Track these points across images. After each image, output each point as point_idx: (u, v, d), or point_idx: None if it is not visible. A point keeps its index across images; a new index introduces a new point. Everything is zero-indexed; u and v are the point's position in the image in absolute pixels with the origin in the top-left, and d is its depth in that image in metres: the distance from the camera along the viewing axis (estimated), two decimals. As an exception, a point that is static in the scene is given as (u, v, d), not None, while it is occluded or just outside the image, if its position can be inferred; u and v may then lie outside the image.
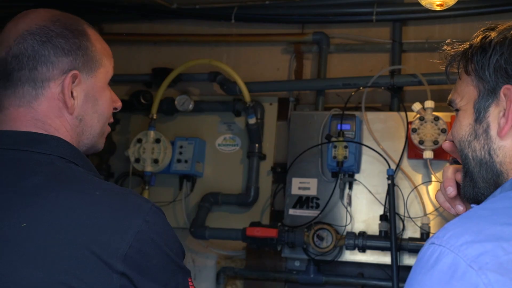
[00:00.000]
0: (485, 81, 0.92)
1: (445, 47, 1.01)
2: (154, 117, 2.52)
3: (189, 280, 1.04)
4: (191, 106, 2.52)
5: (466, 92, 0.97)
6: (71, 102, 1.10)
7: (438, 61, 1.07)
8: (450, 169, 1.05)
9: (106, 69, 1.17)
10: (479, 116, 0.93)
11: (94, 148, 1.18)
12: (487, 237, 0.73)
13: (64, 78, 1.09)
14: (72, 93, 1.10)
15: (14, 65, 1.08)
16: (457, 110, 0.99)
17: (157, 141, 2.45)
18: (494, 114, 0.91)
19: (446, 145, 1.03)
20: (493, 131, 0.91)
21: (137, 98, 2.58)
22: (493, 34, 0.93)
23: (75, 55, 1.11)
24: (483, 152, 0.92)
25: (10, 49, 1.09)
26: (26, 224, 0.92)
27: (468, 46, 0.96)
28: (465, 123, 0.95)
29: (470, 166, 0.95)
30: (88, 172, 1.06)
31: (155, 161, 2.44)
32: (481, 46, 0.94)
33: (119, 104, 1.22)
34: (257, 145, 2.47)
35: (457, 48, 0.98)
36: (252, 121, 2.40)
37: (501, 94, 0.90)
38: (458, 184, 1.03)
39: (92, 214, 0.94)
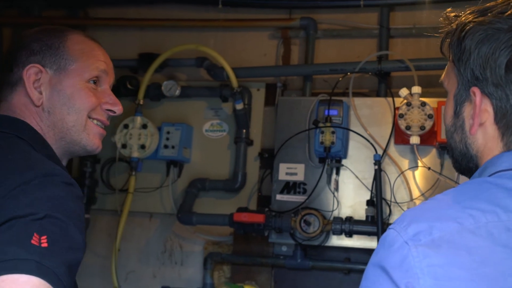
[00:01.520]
0: (461, 75, 0.96)
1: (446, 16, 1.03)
2: (141, 102, 2.50)
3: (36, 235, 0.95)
4: (178, 92, 2.51)
5: (451, 77, 1.01)
6: (34, 93, 1.21)
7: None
8: None
9: (81, 68, 1.25)
10: (457, 110, 0.99)
11: (79, 144, 1.25)
12: (427, 218, 0.84)
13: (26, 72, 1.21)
14: (41, 87, 1.21)
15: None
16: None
17: (144, 126, 2.44)
18: (467, 111, 0.97)
19: None
20: (467, 127, 0.97)
21: (124, 84, 2.56)
22: (470, 28, 0.94)
23: (43, 54, 1.22)
24: (461, 145, 0.99)
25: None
26: None
27: (455, 26, 0.98)
28: (449, 114, 1.01)
29: (454, 154, 1.02)
30: (35, 152, 1.14)
31: (142, 147, 2.43)
32: (458, 40, 0.96)
33: (116, 108, 1.29)
34: (244, 130, 2.46)
35: (450, 25, 1.00)
36: (239, 106, 2.39)
37: (471, 94, 0.95)
38: None
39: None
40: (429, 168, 2.12)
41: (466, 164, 1.00)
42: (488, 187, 0.87)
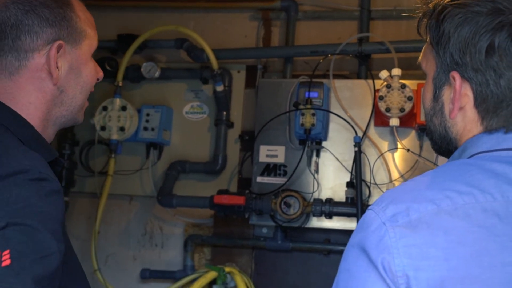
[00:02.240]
0: (441, 59, 0.95)
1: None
2: (120, 84, 2.47)
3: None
4: (157, 73, 2.48)
5: (429, 59, 1.00)
6: (57, 72, 1.08)
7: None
8: None
9: (90, 40, 1.16)
10: (436, 93, 0.98)
11: (73, 120, 1.17)
12: (404, 200, 0.84)
13: (49, 49, 1.07)
14: (57, 63, 1.08)
15: None
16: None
17: (123, 108, 2.42)
18: (446, 95, 0.96)
19: None
20: (447, 111, 0.96)
21: (102, 65, 2.53)
22: (449, 11, 0.93)
23: (59, 26, 1.09)
24: (441, 128, 0.98)
25: None
26: None
27: (432, 7, 0.97)
28: (428, 97, 1.01)
29: (433, 137, 1.02)
30: (12, 137, 1.03)
31: (121, 129, 2.41)
32: (437, 22, 0.95)
33: (101, 75, 1.21)
34: (224, 113, 2.45)
35: (427, 5, 0.99)
36: (220, 88, 2.38)
37: (450, 78, 0.94)
38: None
39: None
40: (408, 150, 2.13)
41: (445, 147, 1.00)
42: (468, 169, 0.87)
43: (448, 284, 0.78)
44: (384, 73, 2.11)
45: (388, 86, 2.10)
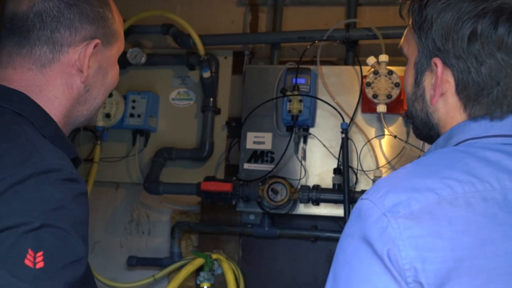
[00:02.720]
0: (423, 44, 0.95)
1: None
2: (106, 70, 2.44)
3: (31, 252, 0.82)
4: (143, 59, 2.45)
5: (411, 44, 0.99)
6: (88, 71, 1.08)
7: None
8: None
9: (120, 43, 1.16)
10: (417, 78, 0.97)
11: (90, 121, 1.17)
12: (403, 189, 0.82)
13: (86, 45, 1.07)
14: (89, 62, 1.08)
15: (35, 23, 1.04)
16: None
17: (109, 95, 2.39)
18: (428, 80, 0.96)
19: None
20: (428, 97, 0.96)
21: (87, 51, 2.50)
22: None
23: (97, 24, 1.09)
24: (422, 114, 0.98)
25: (34, 5, 1.05)
26: None
27: None
28: (409, 82, 1.00)
29: (415, 122, 1.01)
30: (37, 133, 1.00)
31: (107, 115, 2.39)
32: (419, 7, 0.94)
33: (117, 81, 1.20)
34: (211, 99, 2.43)
35: None
36: (207, 75, 2.36)
37: (432, 64, 0.93)
38: None
39: None
40: (395, 137, 2.13)
41: (427, 132, 1.00)
42: (462, 157, 0.87)
43: (455, 275, 0.77)
44: (371, 60, 2.11)
45: (376, 73, 2.10)
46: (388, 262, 0.79)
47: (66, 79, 1.07)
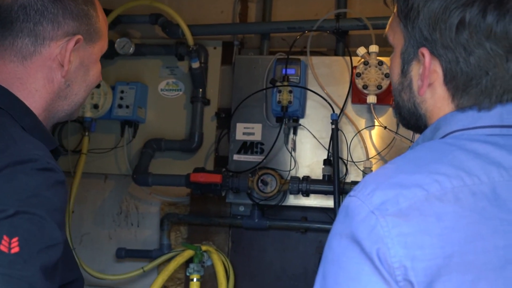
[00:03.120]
0: (409, 33, 0.92)
1: None
2: (93, 60, 2.42)
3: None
4: (131, 50, 2.43)
5: (396, 32, 0.97)
6: (68, 65, 1.10)
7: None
8: None
9: (103, 42, 1.19)
10: (404, 68, 0.95)
11: (70, 116, 1.19)
12: (391, 185, 0.81)
13: (67, 41, 1.09)
14: (71, 57, 1.10)
15: (19, 15, 1.06)
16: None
17: (97, 85, 2.36)
18: (415, 71, 0.93)
19: None
20: (415, 87, 0.94)
21: (75, 41, 2.47)
22: None
23: (80, 21, 1.11)
24: (409, 104, 0.96)
25: None
26: None
27: None
28: (395, 72, 0.98)
29: (402, 112, 0.99)
30: (15, 125, 1.02)
31: (95, 106, 2.36)
32: None
33: (100, 79, 1.23)
34: (200, 90, 2.41)
35: None
36: (196, 65, 2.34)
37: (419, 54, 0.91)
38: None
39: None
40: (385, 127, 2.13)
41: (414, 122, 0.98)
42: (450, 150, 0.85)
43: (445, 272, 0.76)
44: (361, 50, 2.10)
45: (366, 63, 2.09)
46: (377, 261, 0.78)
47: (47, 72, 1.09)
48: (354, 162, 2.17)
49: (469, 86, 0.88)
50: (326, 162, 2.16)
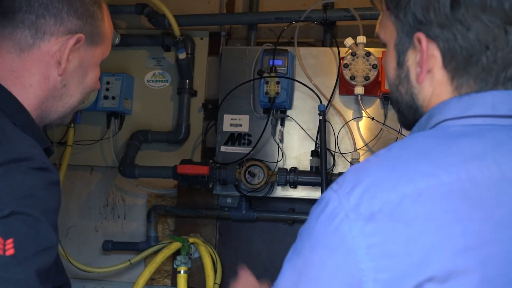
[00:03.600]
0: (401, 22, 0.91)
1: None
2: (78, 51, 2.39)
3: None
4: (117, 40, 2.39)
5: (387, 27, 0.95)
6: (66, 63, 1.07)
7: None
8: None
9: (105, 47, 1.16)
10: (399, 60, 0.93)
11: (63, 119, 1.16)
12: (368, 185, 0.78)
13: (68, 38, 1.06)
14: (69, 56, 1.07)
15: (22, 6, 1.03)
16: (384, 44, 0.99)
17: (82, 76, 2.34)
18: (412, 59, 0.91)
19: None
20: (413, 77, 0.92)
21: (59, 31, 2.44)
22: None
23: (85, 21, 1.08)
24: (407, 97, 0.94)
25: None
26: None
27: None
28: (391, 66, 0.96)
29: (400, 108, 0.97)
30: (8, 121, 0.99)
31: (80, 97, 2.33)
32: None
33: (98, 86, 1.20)
34: (187, 81, 2.39)
35: None
36: (182, 56, 2.32)
37: (415, 41, 0.89)
38: None
39: None
40: (372, 119, 2.13)
41: (412, 117, 0.95)
42: (432, 144, 0.83)
43: (408, 280, 0.75)
44: (349, 41, 2.09)
45: (353, 54, 2.08)
46: (348, 268, 0.78)
47: (43, 68, 1.06)
48: (341, 154, 2.16)
49: (469, 63, 0.86)
50: (313, 153, 2.16)
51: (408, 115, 0.96)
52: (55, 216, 0.91)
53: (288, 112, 2.23)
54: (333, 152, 2.17)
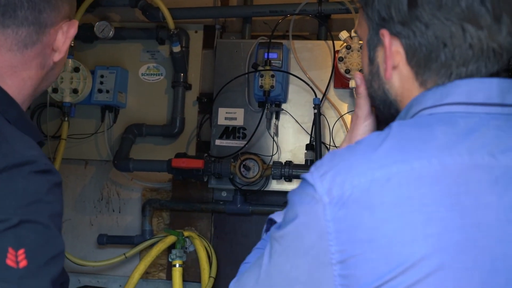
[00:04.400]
0: (371, 19, 0.94)
1: None
2: (72, 44, 2.33)
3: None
4: (111, 33, 2.39)
5: (362, 24, 0.98)
6: (65, 53, 1.07)
7: None
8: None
9: (75, 24, 1.13)
10: (370, 56, 0.96)
11: (40, 93, 1.15)
12: (340, 169, 0.81)
13: (68, 26, 1.06)
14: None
15: (23, 2, 1.01)
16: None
17: (76, 70, 2.32)
18: (380, 56, 0.94)
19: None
20: (382, 72, 0.94)
21: (53, 24, 2.42)
22: None
23: (71, 4, 1.08)
24: (380, 92, 0.96)
25: None
26: None
27: None
28: (365, 62, 0.98)
29: (375, 103, 0.99)
30: (1, 119, 0.98)
31: (74, 91, 2.32)
32: None
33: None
34: (182, 74, 2.39)
35: None
36: (177, 49, 2.31)
37: (381, 37, 0.92)
38: None
39: None
40: (367, 112, 2.13)
41: (388, 111, 0.97)
42: (407, 132, 0.84)
43: (371, 268, 0.77)
44: (343, 34, 2.09)
45: (348, 47, 2.08)
46: (320, 248, 0.80)
47: (41, 60, 1.06)
48: (336, 147, 2.16)
49: (430, 60, 0.88)
50: (308, 147, 2.16)
51: (384, 109, 0.98)
52: (61, 219, 0.90)
53: (283, 106, 2.23)
54: (328, 146, 2.17)
